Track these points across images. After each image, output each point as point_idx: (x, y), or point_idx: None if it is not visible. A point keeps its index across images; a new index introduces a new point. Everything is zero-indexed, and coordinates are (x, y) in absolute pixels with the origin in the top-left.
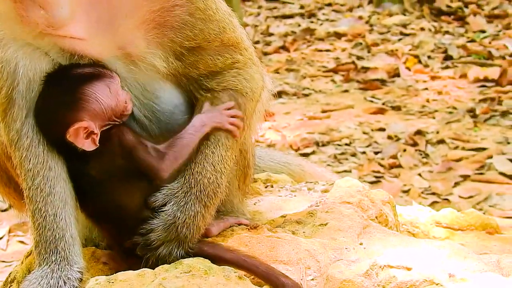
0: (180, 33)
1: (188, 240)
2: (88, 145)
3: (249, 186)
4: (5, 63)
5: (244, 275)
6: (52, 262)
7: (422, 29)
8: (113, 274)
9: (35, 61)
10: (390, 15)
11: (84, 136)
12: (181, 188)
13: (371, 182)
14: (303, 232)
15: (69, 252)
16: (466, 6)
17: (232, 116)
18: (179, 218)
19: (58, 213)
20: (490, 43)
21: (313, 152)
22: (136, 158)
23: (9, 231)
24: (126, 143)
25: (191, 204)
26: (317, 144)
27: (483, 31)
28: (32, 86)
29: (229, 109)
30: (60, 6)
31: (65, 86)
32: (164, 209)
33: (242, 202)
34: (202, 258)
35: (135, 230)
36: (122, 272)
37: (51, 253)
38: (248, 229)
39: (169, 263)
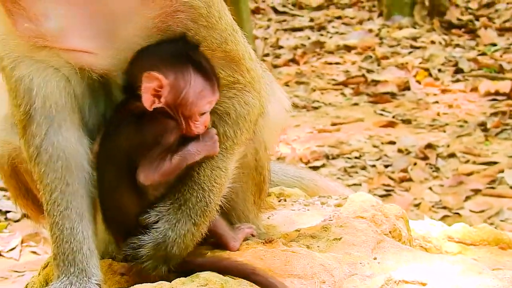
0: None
1: (176, 258)
2: (146, 99)
3: (265, 201)
4: (20, 80)
5: None
6: (70, 274)
7: (433, 42)
8: (129, 286)
9: (49, 77)
10: (400, 28)
11: (152, 89)
12: (172, 206)
13: (381, 196)
14: (318, 246)
15: (87, 265)
16: (477, 19)
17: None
18: (169, 237)
19: (75, 226)
20: (501, 56)
21: (323, 165)
22: (150, 150)
23: (22, 242)
24: (164, 134)
25: (182, 222)
26: (327, 157)
27: (494, 44)
28: (48, 102)
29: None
30: (48, 17)
31: (184, 52)
32: (155, 227)
33: (257, 217)
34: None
35: (128, 235)
36: (139, 285)
37: (69, 265)
38: (263, 243)
39: (153, 277)
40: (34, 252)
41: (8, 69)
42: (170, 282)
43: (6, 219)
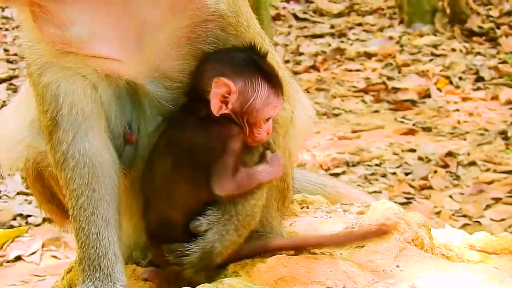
0: (212, 48)
1: (214, 265)
2: (214, 105)
3: (288, 208)
4: (47, 87)
5: None
6: (96, 278)
7: (454, 50)
8: None
9: (75, 84)
10: (421, 35)
11: (221, 95)
12: (224, 215)
13: (402, 203)
14: (340, 253)
15: (112, 270)
16: (498, 27)
17: None
18: (216, 248)
19: (100, 232)
20: None
21: (343, 172)
22: (220, 157)
23: (43, 246)
24: (229, 139)
25: (230, 234)
26: (347, 164)
27: None
28: (75, 109)
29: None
30: (74, 23)
31: (252, 59)
32: (205, 236)
33: (281, 224)
34: (242, 277)
35: (171, 239)
36: None
37: (94, 270)
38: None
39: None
40: (55, 257)
41: (35, 75)
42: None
43: (27, 223)
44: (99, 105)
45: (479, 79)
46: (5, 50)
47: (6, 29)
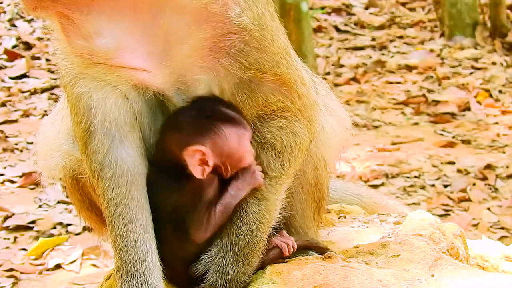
0: (235, 60)
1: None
2: (197, 171)
3: (323, 217)
4: (79, 97)
5: None
6: (133, 285)
7: (494, 63)
8: None
9: (106, 94)
10: (462, 48)
11: (197, 161)
12: (218, 253)
13: (440, 215)
14: (376, 262)
15: (149, 276)
16: None
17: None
18: (220, 285)
19: (139, 239)
20: None
21: (382, 184)
22: (193, 210)
23: (82, 255)
24: (201, 190)
25: (230, 268)
26: (386, 176)
27: None
28: (107, 119)
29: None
30: (101, 35)
31: (204, 113)
32: (205, 278)
33: (316, 233)
34: (278, 284)
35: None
36: None
37: (132, 276)
38: (323, 259)
39: None
40: (94, 265)
41: (68, 86)
42: None
43: (67, 232)
44: (132, 115)
45: None
46: (47, 60)
47: (48, 39)
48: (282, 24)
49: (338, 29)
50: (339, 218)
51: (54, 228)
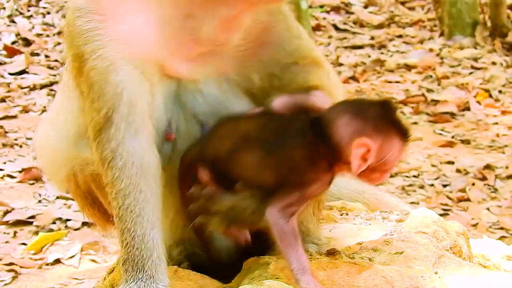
0: (278, 48)
1: (240, 226)
2: (355, 166)
3: (322, 211)
4: (113, 85)
5: None
6: (138, 279)
7: (494, 63)
8: None
9: (138, 83)
10: (461, 48)
11: (361, 154)
12: None
13: (439, 215)
14: (380, 259)
15: (155, 271)
16: None
17: None
18: (248, 208)
19: (146, 233)
20: None
21: (381, 183)
22: (294, 186)
23: (81, 250)
24: (316, 181)
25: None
26: None
27: None
28: (133, 109)
29: None
30: (142, 27)
31: (386, 114)
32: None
33: (317, 228)
34: (281, 280)
35: None
36: None
37: (138, 271)
38: (326, 255)
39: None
40: (94, 260)
41: (100, 72)
42: None
43: (66, 227)
44: (151, 105)
45: None
46: (46, 56)
47: (47, 35)
48: None
49: (337, 28)
50: (341, 215)
51: (54, 223)
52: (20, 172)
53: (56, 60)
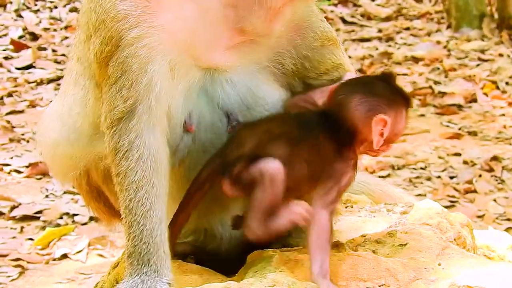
0: (309, 32)
1: None
2: (376, 142)
3: None
4: (149, 76)
5: None
6: (143, 273)
7: (501, 55)
8: (199, 286)
9: (168, 75)
10: (469, 40)
11: (379, 130)
12: None
13: (446, 207)
14: (383, 251)
15: (160, 266)
16: None
17: None
18: None
19: (155, 228)
20: None
21: (388, 175)
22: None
23: (89, 245)
24: (345, 173)
25: None
26: (392, 167)
27: None
28: (159, 103)
29: None
30: (185, 23)
31: (392, 88)
32: None
33: None
34: (285, 273)
35: None
36: (208, 284)
37: (143, 265)
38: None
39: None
40: (101, 255)
41: (139, 61)
42: (239, 282)
43: (73, 222)
44: (172, 99)
45: None
46: (53, 51)
47: (54, 30)
48: None
49: (344, 21)
50: (346, 207)
51: (61, 218)
52: (27, 167)
53: (63, 55)
